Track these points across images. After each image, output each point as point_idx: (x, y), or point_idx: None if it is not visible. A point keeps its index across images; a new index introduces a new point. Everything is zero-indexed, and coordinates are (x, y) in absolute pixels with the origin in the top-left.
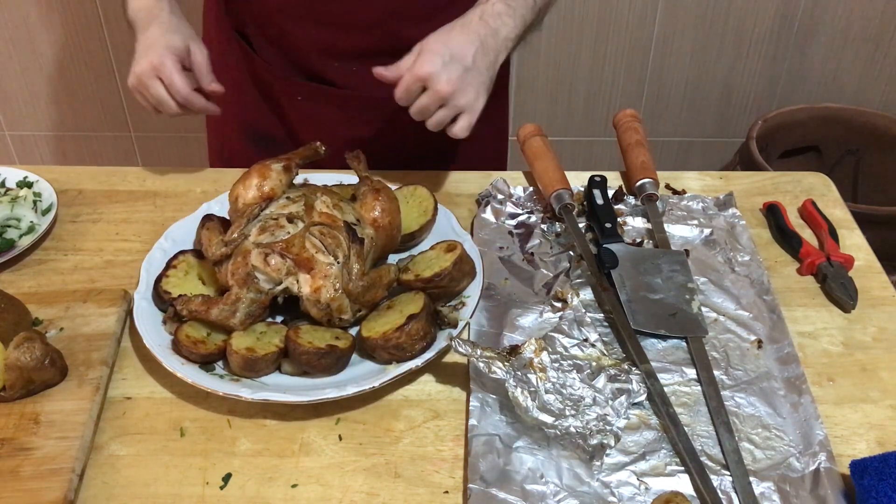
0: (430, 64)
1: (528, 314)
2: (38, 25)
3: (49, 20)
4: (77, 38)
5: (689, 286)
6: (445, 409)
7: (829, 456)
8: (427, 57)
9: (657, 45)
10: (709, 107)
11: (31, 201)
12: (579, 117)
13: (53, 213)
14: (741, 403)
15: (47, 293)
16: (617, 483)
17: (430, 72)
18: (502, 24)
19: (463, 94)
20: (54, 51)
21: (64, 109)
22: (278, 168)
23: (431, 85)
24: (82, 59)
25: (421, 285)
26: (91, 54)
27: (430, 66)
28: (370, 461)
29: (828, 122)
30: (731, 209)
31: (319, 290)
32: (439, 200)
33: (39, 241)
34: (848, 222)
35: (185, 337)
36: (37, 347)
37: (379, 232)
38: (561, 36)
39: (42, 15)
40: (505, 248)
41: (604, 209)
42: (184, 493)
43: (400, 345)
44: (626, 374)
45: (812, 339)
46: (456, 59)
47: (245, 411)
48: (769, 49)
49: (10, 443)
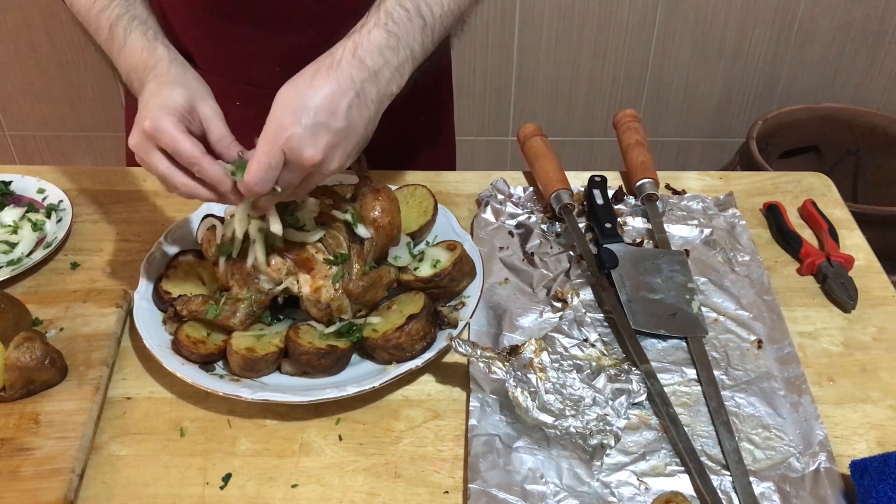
0: (289, 128)
1: (528, 314)
2: (38, 26)
3: (49, 20)
4: (77, 38)
5: (689, 286)
6: (445, 409)
7: (829, 456)
8: (283, 118)
9: (657, 45)
10: (709, 107)
11: (54, 221)
12: (579, 117)
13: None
14: (741, 403)
15: (47, 293)
16: (617, 483)
17: (290, 138)
18: (384, 64)
19: (332, 160)
20: (54, 51)
21: (64, 109)
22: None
23: (292, 157)
24: (82, 59)
25: (421, 285)
26: (91, 54)
27: (289, 130)
28: (370, 461)
29: (828, 122)
30: (731, 209)
31: (319, 290)
32: (439, 200)
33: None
34: (848, 222)
35: (185, 337)
36: (37, 347)
37: (379, 232)
38: (561, 36)
39: (42, 15)
40: (505, 248)
41: (604, 209)
42: (184, 493)
43: (400, 345)
44: (626, 374)
45: (812, 339)
46: (321, 119)
47: (245, 411)
48: (769, 49)
49: (10, 443)
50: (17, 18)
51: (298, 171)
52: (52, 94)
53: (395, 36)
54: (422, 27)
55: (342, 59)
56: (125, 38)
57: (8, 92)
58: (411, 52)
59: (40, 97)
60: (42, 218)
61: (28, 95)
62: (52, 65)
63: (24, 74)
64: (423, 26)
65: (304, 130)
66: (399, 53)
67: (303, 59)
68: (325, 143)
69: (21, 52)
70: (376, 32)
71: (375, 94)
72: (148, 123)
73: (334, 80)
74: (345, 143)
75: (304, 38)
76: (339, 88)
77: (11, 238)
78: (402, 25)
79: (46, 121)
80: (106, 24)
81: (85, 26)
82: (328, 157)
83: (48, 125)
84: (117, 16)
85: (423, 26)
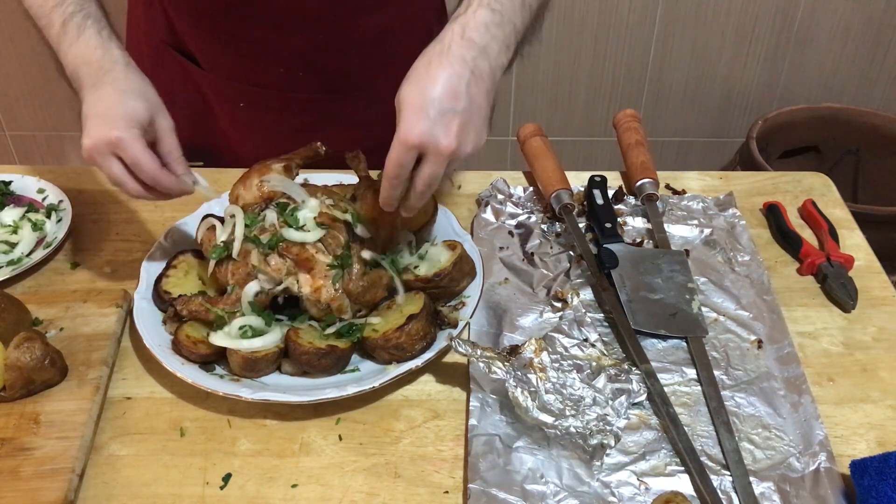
0: (418, 123)
1: (528, 314)
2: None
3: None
4: None
5: (689, 286)
6: (445, 409)
7: (829, 456)
8: (411, 117)
9: (657, 45)
10: (709, 107)
11: (54, 221)
12: (579, 117)
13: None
14: (741, 403)
15: (47, 293)
16: (617, 483)
17: (421, 133)
18: (491, 39)
19: (467, 142)
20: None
21: (64, 109)
22: (279, 168)
23: (429, 149)
24: None
25: (421, 285)
26: None
27: (419, 126)
28: (370, 461)
29: (828, 122)
30: (731, 209)
31: (319, 290)
32: (439, 200)
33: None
34: (848, 222)
35: (185, 337)
36: (37, 347)
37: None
38: (561, 36)
39: None
40: (505, 248)
41: (604, 209)
42: (184, 493)
43: (400, 345)
44: (626, 374)
45: (812, 339)
46: (446, 106)
47: (245, 411)
48: (769, 49)
49: (10, 443)
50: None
51: (439, 162)
52: (52, 94)
53: (498, 13)
54: (521, 3)
55: (451, 43)
56: (78, 35)
57: (8, 92)
58: (514, 26)
59: (40, 97)
60: (42, 218)
61: (28, 95)
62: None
63: (24, 74)
64: (523, 3)
65: (433, 122)
66: (504, 28)
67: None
68: (455, 127)
69: (21, 52)
70: (481, 12)
71: (488, 67)
72: (113, 134)
73: (448, 64)
74: (474, 120)
75: (308, 40)
76: (455, 72)
77: (11, 238)
78: (504, 3)
79: (46, 121)
80: (59, 19)
81: (35, 20)
82: (462, 140)
83: (48, 125)
84: (71, 13)
85: (523, 3)
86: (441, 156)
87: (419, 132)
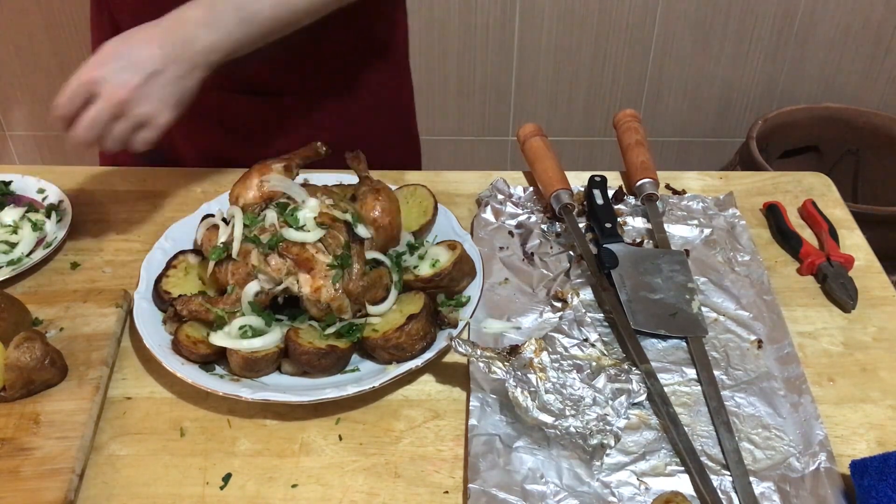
0: (100, 67)
1: (528, 314)
2: (38, 26)
3: (49, 20)
4: (78, 38)
5: (689, 286)
6: (445, 409)
7: (829, 456)
8: (97, 58)
9: (657, 45)
10: (709, 107)
11: (54, 221)
12: (579, 117)
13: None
14: (741, 403)
15: (47, 293)
16: (617, 483)
17: (99, 75)
18: (198, 36)
19: (143, 102)
20: (54, 51)
21: None
22: (279, 168)
23: (101, 90)
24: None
25: (421, 285)
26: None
27: (100, 69)
28: (370, 461)
29: (828, 122)
30: (731, 209)
31: (319, 290)
32: (439, 200)
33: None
34: (848, 222)
35: (185, 337)
36: (37, 347)
37: (379, 232)
38: (561, 36)
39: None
40: (505, 248)
41: (604, 209)
42: (184, 493)
43: (400, 345)
44: (626, 374)
45: (812, 339)
46: (136, 64)
47: (245, 411)
48: (769, 49)
49: (10, 443)
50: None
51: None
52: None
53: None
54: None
55: (162, 23)
56: None
57: (8, 92)
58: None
59: (40, 97)
60: (42, 218)
61: (28, 95)
62: (52, 65)
63: (24, 74)
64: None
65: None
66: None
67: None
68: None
69: (21, 52)
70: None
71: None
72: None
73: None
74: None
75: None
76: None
77: (11, 238)
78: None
79: (46, 121)
80: None
81: None
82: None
83: (48, 125)
84: None
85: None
86: (109, 101)
87: (98, 73)
